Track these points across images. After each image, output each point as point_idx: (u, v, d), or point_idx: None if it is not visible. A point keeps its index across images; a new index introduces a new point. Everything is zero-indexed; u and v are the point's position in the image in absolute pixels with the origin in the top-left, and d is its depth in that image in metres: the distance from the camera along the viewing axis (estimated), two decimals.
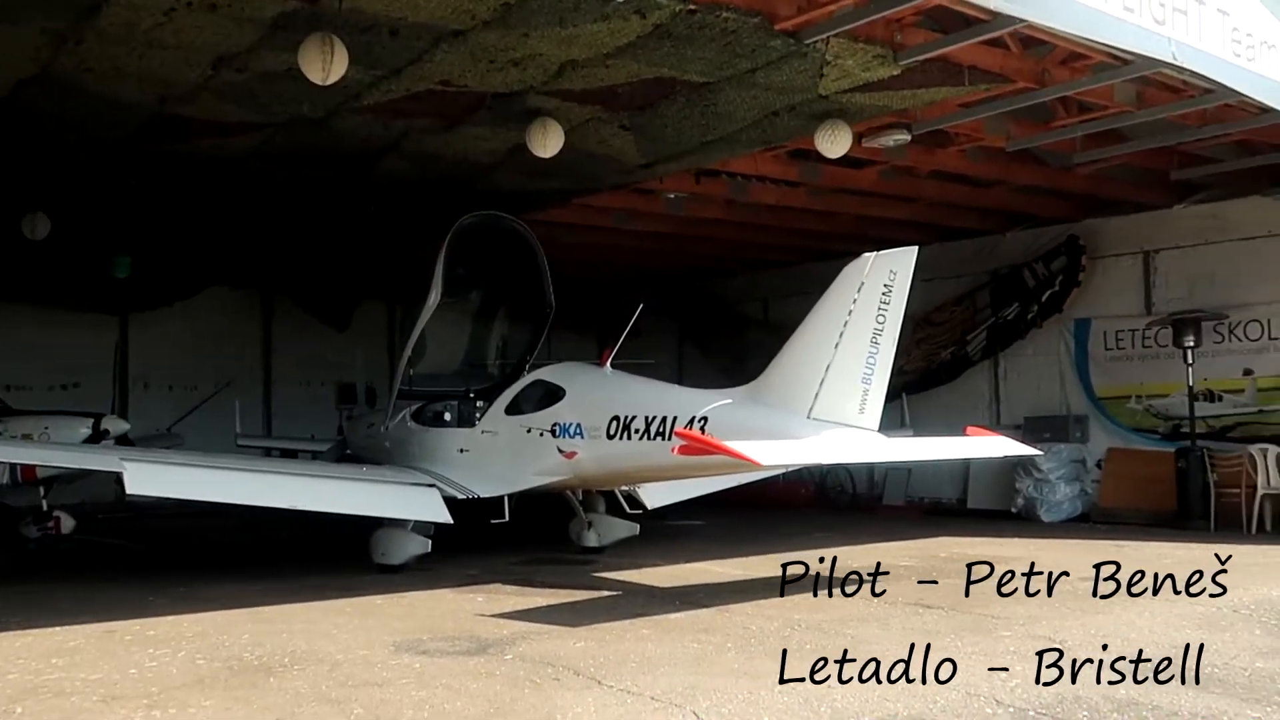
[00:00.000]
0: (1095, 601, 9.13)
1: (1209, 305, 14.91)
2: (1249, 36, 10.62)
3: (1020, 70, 10.33)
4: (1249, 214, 14.81)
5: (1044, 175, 14.58)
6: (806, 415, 9.17)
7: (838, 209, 15.80)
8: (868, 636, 7.86)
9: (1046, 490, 15.89)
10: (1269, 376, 14.76)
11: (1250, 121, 11.65)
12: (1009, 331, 17.23)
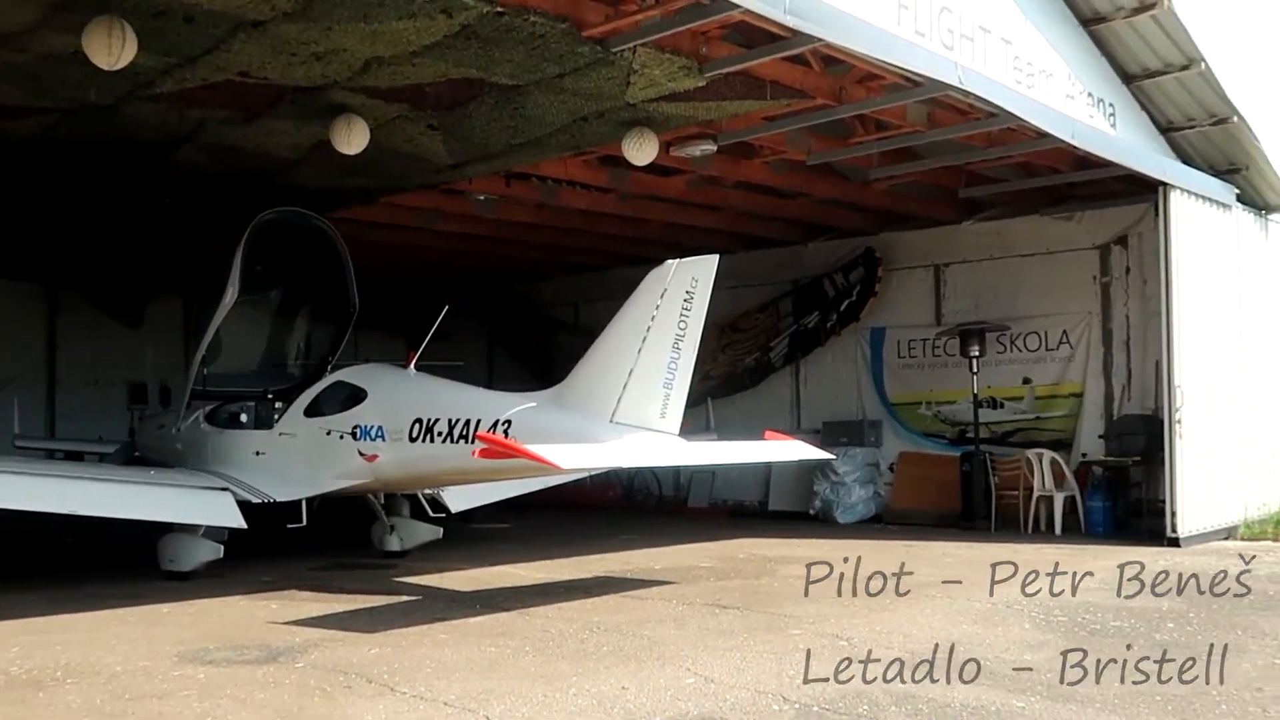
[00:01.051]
0: (881, 599, 9.51)
1: (993, 317, 15.73)
2: (1029, 65, 11.30)
3: (820, 87, 10.69)
4: (1029, 232, 15.72)
5: (843, 189, 15.12)
6: (609, 419, 9.25)
7: (647, 215, 16.00)
8: (664, 637, 7.99)
9: (842, 492, 16.45)
10: (1046, 385, 15.68)
11: (1030, 145, 12.36)
12: (810, 339, 17.79)
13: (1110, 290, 15.21)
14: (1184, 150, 13.64)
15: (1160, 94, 12.93)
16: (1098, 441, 14.86)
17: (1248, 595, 9.50)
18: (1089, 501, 14.22)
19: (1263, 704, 6.10)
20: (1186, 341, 12.78)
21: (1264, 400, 14.57)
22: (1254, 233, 14.59)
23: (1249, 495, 13.85)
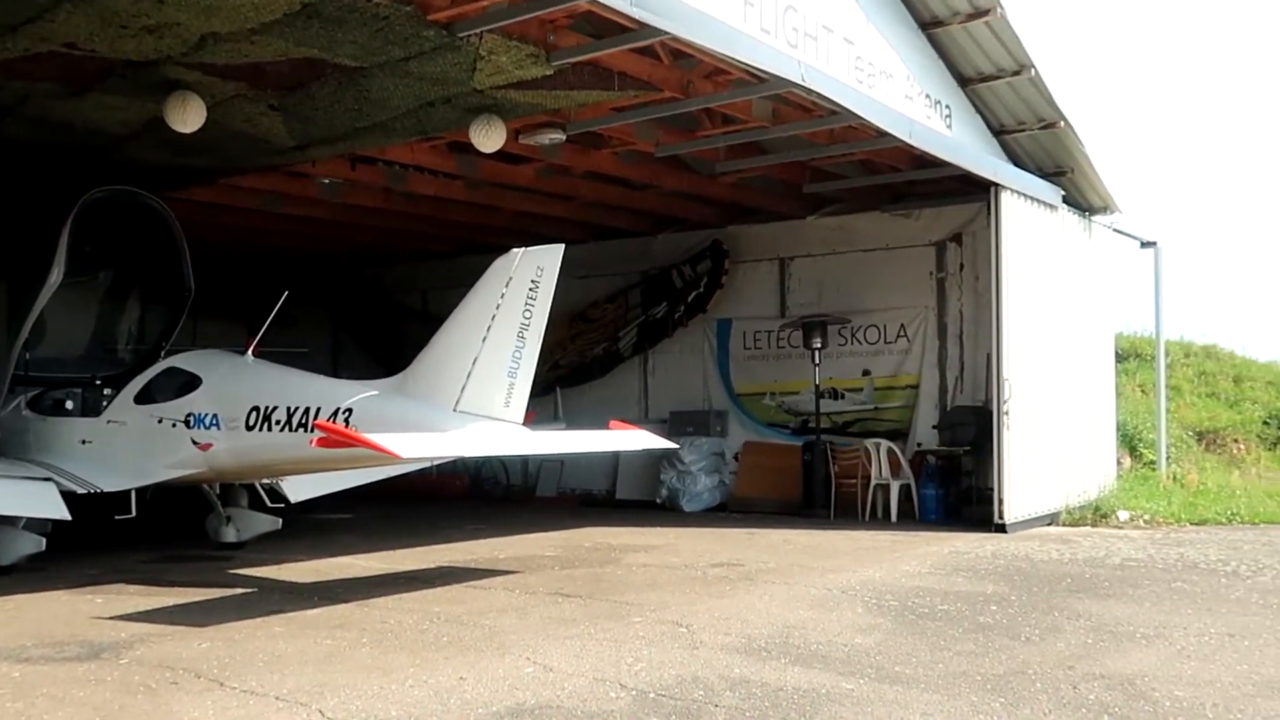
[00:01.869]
0: (722, 586, 9.67)
1: (835, 310, 16.15)
2: (870, 65, 11.62)
3: (668, 80, 10.78)
4: (870, 228, 16.17)
5: (691, 182, 15.28)
6: (453, 408, 9.18)
7: (497, 203, 15.89)
8: (505, 627, 7.98)
9: (688, 481, 16.65)
10: (884, 377, 16.16)
11: (870, 143, 12.70)
12: (658, 329, 17.95)
13: (945, 286, 15.76)
14: (1015, 152, 14.22)
15: (993, 98, 13.45)
16: (932, 432, 15.40)
17: (1066, 579, 9.96)
18: (923, 490, 14.72)
19: (1074, 681, 6.41)
20: (1015, 336, 13.32)
21: (1084, 394, 15.29)
22: (1078, 233, 15.29)
23: (1070, 483, 14.52)
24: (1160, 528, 13.72)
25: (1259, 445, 21.13)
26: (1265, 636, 7.55)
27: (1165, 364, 18.80)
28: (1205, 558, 11.12)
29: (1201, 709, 5.86)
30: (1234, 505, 14.89)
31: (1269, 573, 10.14)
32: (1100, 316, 16.10)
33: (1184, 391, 22.63)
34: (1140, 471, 17.59)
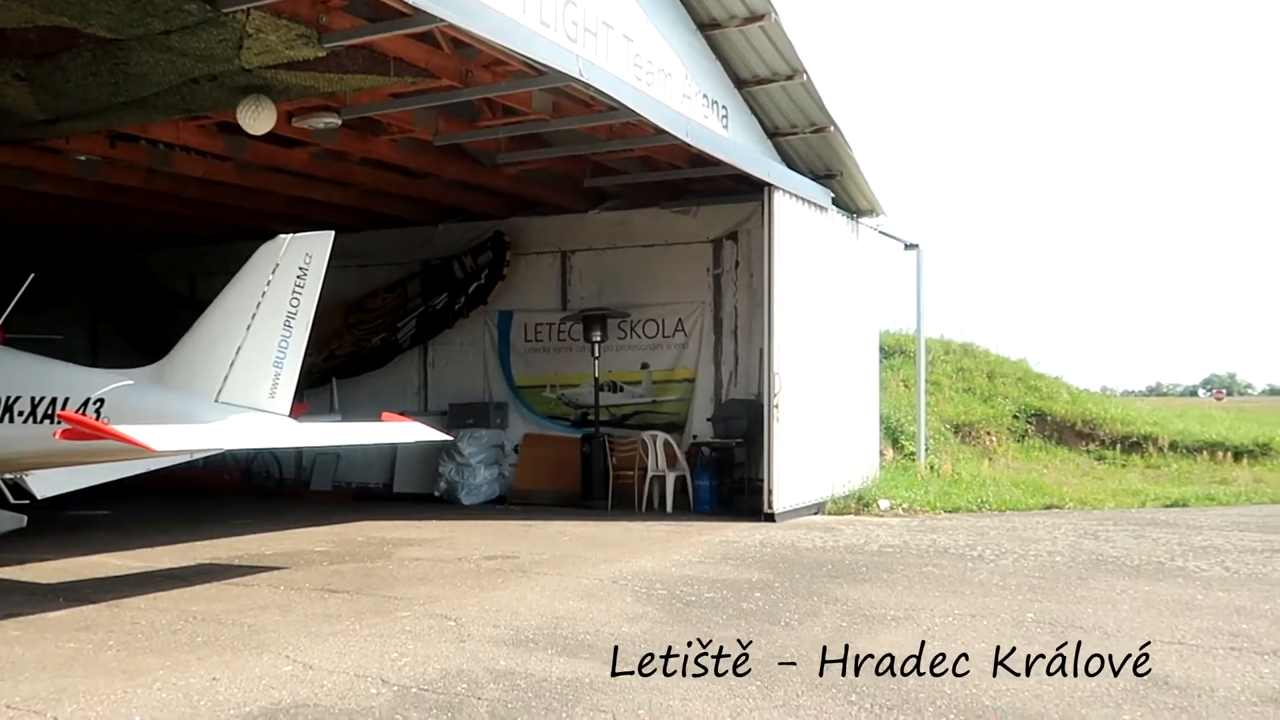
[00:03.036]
0: (494, 579, 9.64)
1: (615, 304, 16.32)
2: (650, 63, 11.77)
3: (446, 68, 10.64)
4: (650, 224, 16.42)
5: (473, 172, 15.14)
6: (214, 399, 8.83)
7: (270, 188, 15.33)
8: (266, 624, 7.73)
9: (467, 474, 16.53)
10: (662, 370, 16.45)
11: (649, 140, 12.88)
12: (438, 320, 17.72)
13: (722, 282, 16.16)
14: (788, 154, 14.69)
15: (768, 100, 13.84)
16: (707, 424, 15.77)
17: (827, 565, 10.37)
18: (698, 481, 15.05)
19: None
20: (785, 332, 13.78)
21: (850, 388, 15.96)
22: (846, 234, 15.94)
23: (836, 474, 15.14)
24: (917, 515, 14.45)
25: (1009, 437, 22.55)
26: (1003, 616, 8.05)
27: (926, 360, 19.82)
28: (955, 543, 11.78)
29: (942, 686, 6.20)
30: (984, 494, 15.84)
31: (1010, 556, 10.82)
32: (866, 314, 16.84)
33: (943, 387, 23.92)
34: (901, 462, 18.51)
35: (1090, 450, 22.67)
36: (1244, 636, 7.35)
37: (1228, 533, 12.48)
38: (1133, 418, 23.88)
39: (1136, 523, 13.57)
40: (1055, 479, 18.66)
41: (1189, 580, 9.48)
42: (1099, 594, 8.88)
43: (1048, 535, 12.34)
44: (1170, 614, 8.10)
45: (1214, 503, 15.97)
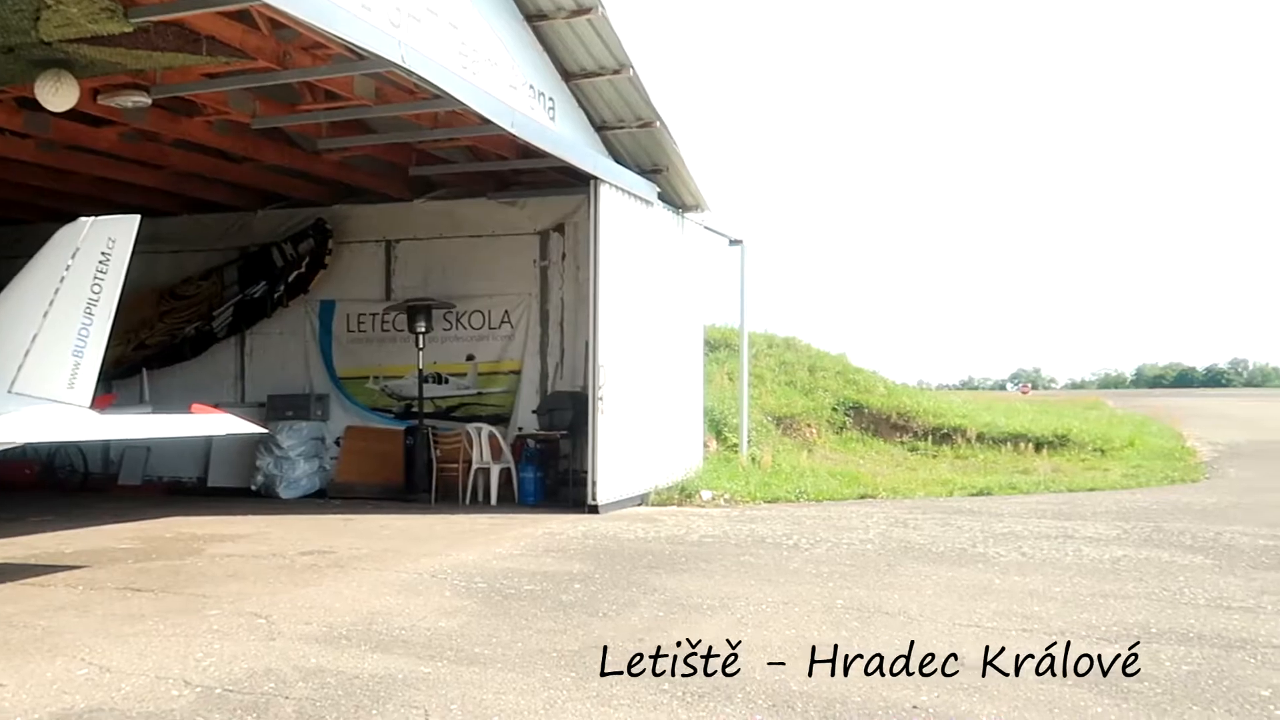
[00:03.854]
0: (308, 574, 9.42)
1: (440, 295, 16.14)
2: (475, 52, 11.65)
3: (262, 49, 10.32)
4: (477, 214, 16.29)
5: (293, 157, 14.75)
6: (7, 389, 8.36)
7: (75, 168, 14.60)
8: (62, 626, 7.38)
9: (286, 467, 16.11)
10: (488, 362, 16.36)
11: (475, 130, 12.78)
12: (256, 309, 17.22)
13: (548, 274, 16.16)
14: (616, 148, 14.76)
15: (595, 94, 13.89)
16: (532, 417, 15.75)
17: (648, 556, 10.49)
18: (523, 473, 15.03)
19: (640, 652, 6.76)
20: (611, 325, 13.87)
21: (675, 380, 16.18)
22: (672, 228, 16.13)
23: (660, 466, 15.32)
24: (738, 506, 14.75)
25: (828, 429, 23.25)
26: (814, 603, 8.29)
27: (749, 354, 20.24)
28: (773, 533, 12.06)
29: (752, 672, 6.34)
30: (803, 484, 16.27)
31: (824, 545, 11.15)
32: (691, 308, 17.09)
33: (766, 380, 24.49)
34: (724, 454, 18.85)
35: (904, 441, 23.56)
36: (1035, 618, 7.75)
37: (1026, 519, 13.14)
38: (944, 410, 24.91)
39: (944, 511, 14.15)
40: (870, 469, 19.31)
41: (989, 565, 9.94)
42: (905, 580, 9.23)
43: (861, 524, 12.75)
44: (969, 598, 8.47)
45: (1015, 491, 16.78)
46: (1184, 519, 13.09)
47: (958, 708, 5.69)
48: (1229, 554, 10.48)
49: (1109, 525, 12.53)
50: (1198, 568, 9.76)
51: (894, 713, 5.60)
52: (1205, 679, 6.19)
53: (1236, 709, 5.67)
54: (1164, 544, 11.11)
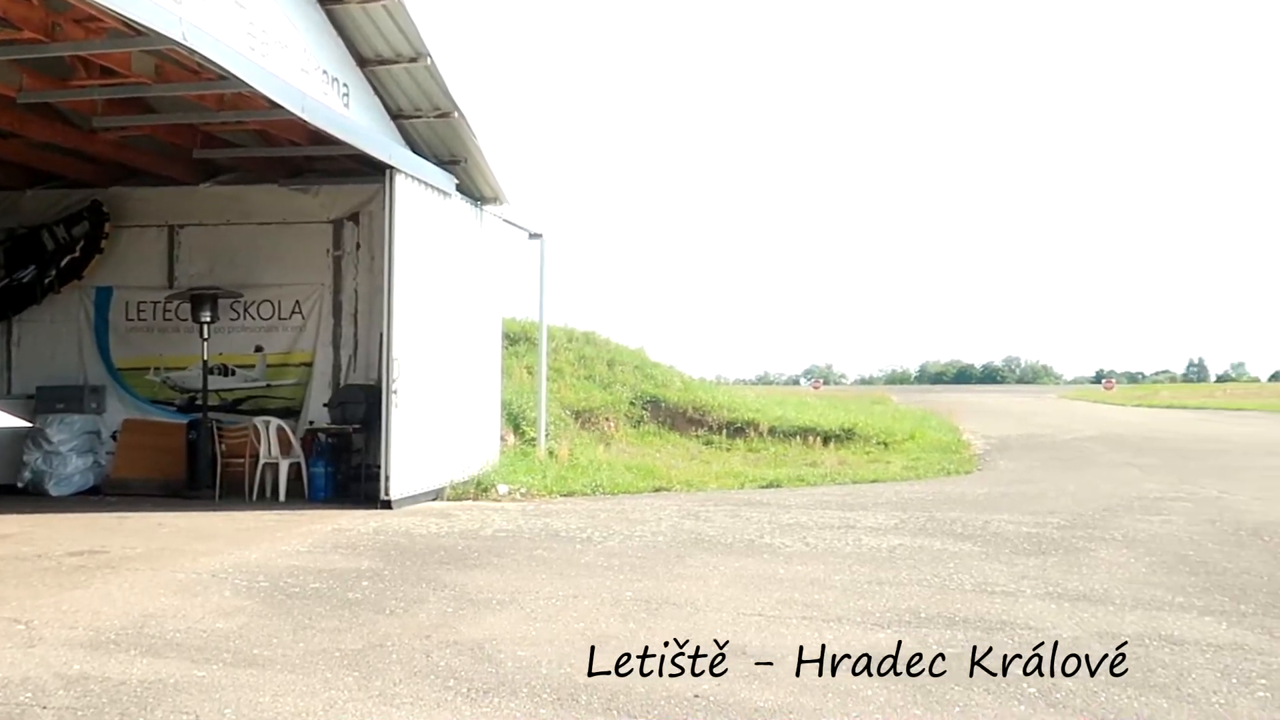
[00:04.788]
0: (77, 575, 8.94)
1: (228, 283, 15.55)
2: (265, 33, 11.25)
3: (29, 19, 9.71)
4: (268, 201, 15.76)
5: (65, 134, 13.90)
6: None
7: None
8: None
9: (57, 463, 15.22)
10: (278, 354, 15.85)
11: (264, 113, 12.35)
12: (24, 295, 16.20)
13: (342, 264, 15.78)
14: (413, 138, 14.52)
15: (392, 81, 13.62)
16: (324, 410, 15.35)
17: (440, 552, 10.38)
18: (313, 468, 14.63)
19: (428, 650, 6.68)
20: (406, 317, 13.64)
21: (472, 374, 16.05)
22: (471, 221, 15.99)
23: (456, 460, 15.17)
24: (534, 500, 14.75)
25: (626, 423, 23.52)
26: (604, 596, 8.36)
27: (549, 348, 20.28)
28: (567, 527, 12.11)
29: (539, 666, 6.36)
30: (599, 478, 16.40)
31: (617, 538, 11.26)
32: (490, 301, 16.97)
33: (565, 374, 24.60)
34: (522, 448, 18.82)
35: (700, 435, 24.05)
36: (815, 606, 8.03)
37: (812, 511, 13.60)
38: (738, 405, 25.57)
39: (735, 503, 14.51)
40: (666, 463, 19.62)
41: (774, 555, 10.25)
42: (694, 571, 9.41)
43: (654, 517, 12.94)
44: (755, 587, 8.71)
45: (803, 483, 17.35)
46: (956, 509, 13.80)
47: (737, 695, 5.84)
48: (995, 541, 11.10)
49: (888, 515, 13.10)
50: (966, 555, 10.30)
51: (676, 702, 5.71)
52: (967, 660, 6.54)
53: (994, 688, 6.01)
54: (937, 533, 11.69)
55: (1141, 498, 15.05)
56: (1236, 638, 7.15)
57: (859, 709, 5.64)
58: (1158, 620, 7.63)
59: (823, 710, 5.61)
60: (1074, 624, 7.50)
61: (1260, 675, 6.27)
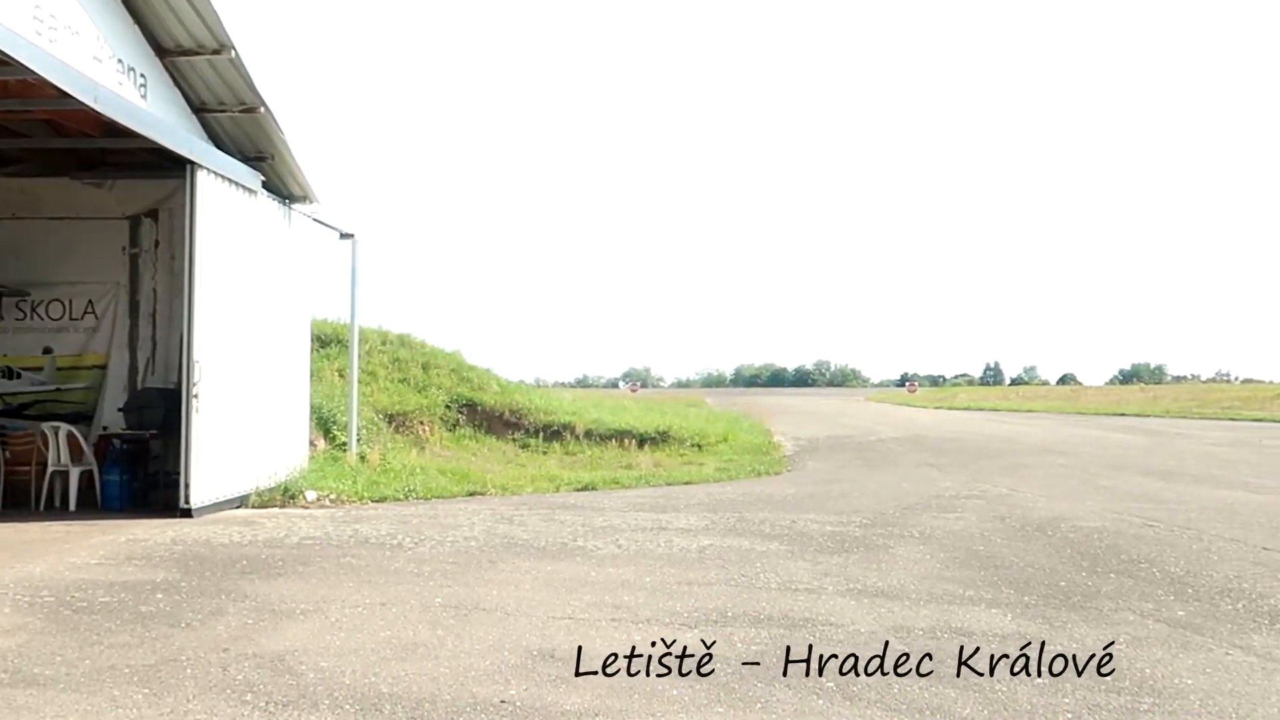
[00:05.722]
0: None
1: (13, 281, 14.70)
2: (53, 19, 10.68)
3: None
4: (58, 194, 14.97)
5: None
6: None
7: None
8: None
9: None
10: (68, 356, 15.07)
11: (53, 103, 11.69)
12: None
13: (140, 262, 15.12)
14: (216, 133, 14.01)
15: (194, 74, 13.11)
16: (119, 415, 14.66)
17: (242, 561, 10.03)
18: (107, 476, 13.95)
19: (225, 664, 6.44)
20: (208, 318, 13.13)
21: (279, 377, 15.56)
22: (278, 220, 15.51)
23: (262, 466, 14.69)
24: (344, 506, 14.42)
25: (441, 427, 23.23)
26: (412, 603, 8.24)
27: (360, 350, 19.85)
28: (377, 533, 11.88)
29: (341, 677, 6.21)
30: (412, 483, 16.15)
31: (429, 544, 11.11)
32: (299, 302, 16.49)
33: (379, 376, 24.11)
34: (333, 452, 18.36)
35: (516, 439, 23.97)
36: (624, 608, 8.10)
37: (625, 513, 13.71)
38: (555, 408, 25.58)
39: (549, 506, 14.51)
40: (481, 466, 19.49)
41: (586, 558, 10.29)
42: (505, 575, 9.37)
43: (467, 521, 12.83)
44: (566, 591, 8.72)
45: (618, 486, 17.49)
46: (765, 509, 14.15)
47: (545, 699, 5.84)
48: (801, 540, 11.42)
49: (700, 517, 13.32)
50: (773, 554, 10.56)
51: (482, 709, 5.67)
52: (771, 657, 6.71)
53: (796, 683, 6.18)
54: (746, 533, 11.95)
55: (938, 496, 15.74)
56: (1020, 628, 7.55)
57: (664, 709, 5.72)
58: (949, 613, 7.99)
59: (629, 711, 5.66)
60: (872, 619, 7.78)
61: (1040, 662, 6.63)
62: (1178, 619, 7.86)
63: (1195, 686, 6.18)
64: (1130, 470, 20.14)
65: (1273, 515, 13.55)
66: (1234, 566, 9.95)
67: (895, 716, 5.64)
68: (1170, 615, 7.98)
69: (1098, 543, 11.30)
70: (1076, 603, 8.41)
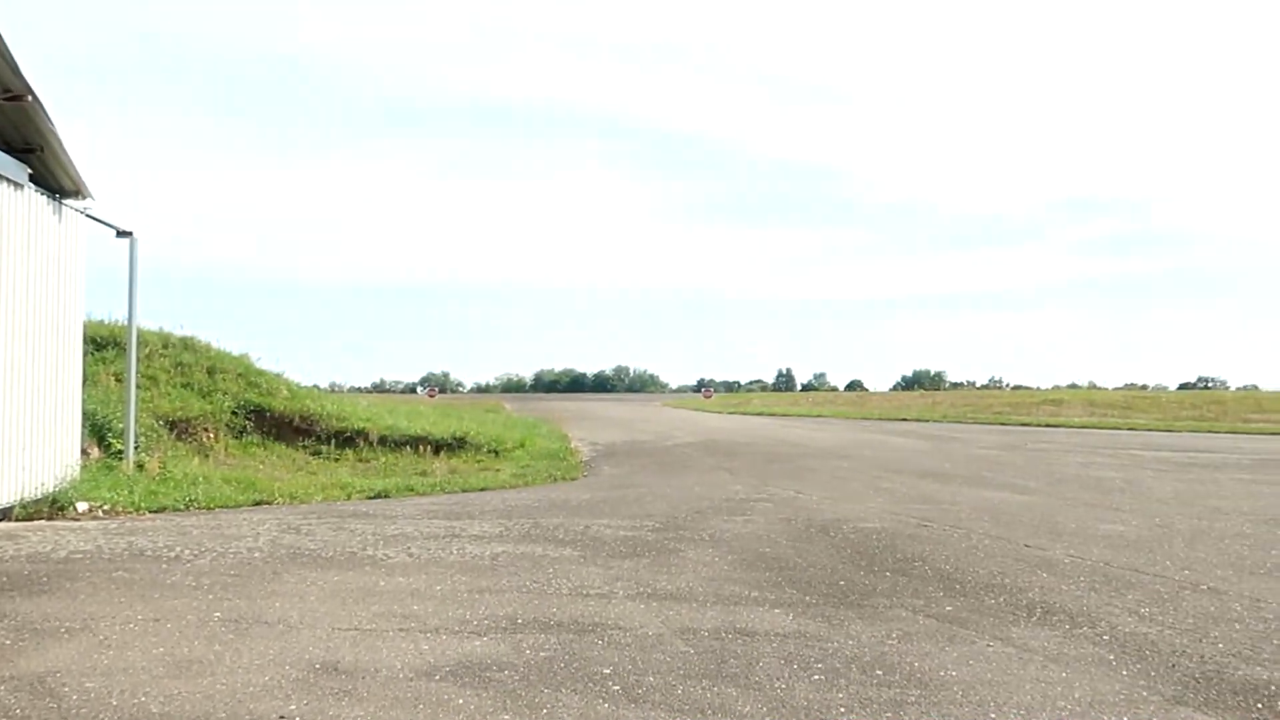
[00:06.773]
0: None
1: None
2: None
3: None
4: None
5: None
6: None
7: None
8: None
9: None
10: None
11: None
12: None
13: None
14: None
15: None
16: None
17: (2, 578, 9.42)
18: None
19: None
20: None
21: (46, 382, 14.69)
22: (47, 215, 14.64)
23: (28, 477, 13.82)
24: (118, 517, 13.72)
25: (227, 434, 22.41)
26: (189, 618, 7.91)
27: (140, 354, 18.96)
28: (154, 545, 11.36)
29: (109, 697, 5.92)
30: (194, 492, 15.51)
31: (209, 556, 10.69)
32: (70, 303, 15.59)
33: (160, 381, 23.07)
34: (108, 461, 17.45)
35: (307, 445, 23.35)
36: (413, 618, 7.99)
37: (418, 521, 13.52)
38: (348, 414, 25.04)
39: (339, 515, 14.17)
40: (269, 475, 18.89)
41: (376, 568, 10.10)
42: (290, 587, 9.10)
43: (251, 532, 12.40)
44: (353, 601, 8.55)
45: (413, 493, 17.25)
46: (560, 515, 14.19)
47: (327, 713, 5.71)
48: (594, 545, 11.51)
49: (494, 523, 13.26)
50: (566, 560, 10.61)
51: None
52: (559, 663, 6.75)
53: (582, 688, 6.23)
54: (539, 539, 11.96)
55: (729, 499, 16.14)
56: (801, 627, 7.82)
57: (450, 719, 5.67)
58: (734, 614, 8.21)
59: None
60: (660, 621, 7.92)
61: (818, 660, 6.89)
62: (945, 614, 8.29)
63: (959, 678, 6.54)
64: (909, 473, 21.12)
65: (1035, 514, 14.45)
66: (998, 563, 10.57)
67: (678, 717, 5.76)
68: (939, 610, 8.41)
69: (876, 543, 11.81)
70: (854, 601, 8.77)
